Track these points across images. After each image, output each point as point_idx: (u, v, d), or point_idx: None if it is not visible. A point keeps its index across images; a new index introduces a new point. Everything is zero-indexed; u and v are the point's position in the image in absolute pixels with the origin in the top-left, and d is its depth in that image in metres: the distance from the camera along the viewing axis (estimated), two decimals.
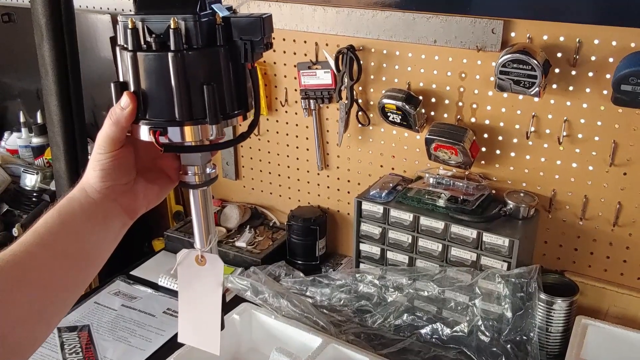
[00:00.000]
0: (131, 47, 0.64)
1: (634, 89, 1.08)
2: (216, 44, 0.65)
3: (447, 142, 1.33)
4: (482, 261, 1.29)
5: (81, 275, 0.69)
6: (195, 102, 0.64)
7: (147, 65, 0.64)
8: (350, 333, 1.30)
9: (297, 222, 1.58)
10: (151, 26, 0.64)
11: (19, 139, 2.00)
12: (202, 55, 0.64)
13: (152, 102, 0.65)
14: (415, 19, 1.33)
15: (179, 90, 0.64)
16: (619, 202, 1.26)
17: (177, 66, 0.63)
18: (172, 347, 1.23)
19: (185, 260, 0.76)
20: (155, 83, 0.65)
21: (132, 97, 0.65)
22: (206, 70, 0.64)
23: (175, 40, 0.62)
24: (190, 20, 0.63)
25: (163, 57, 0.63)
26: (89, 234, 0.69)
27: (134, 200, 0.73)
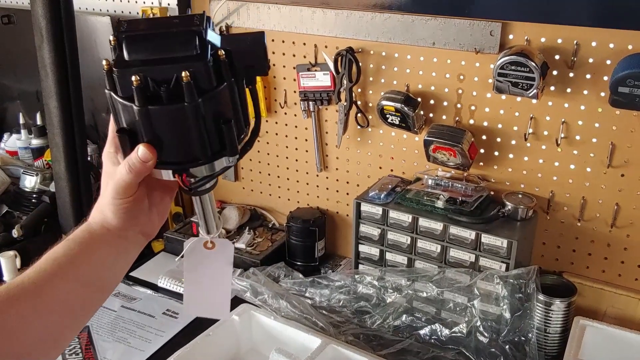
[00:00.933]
0: (139, 104, 0.61)
1: (631, 91, 1.09)
2: (224, 80, 0.63)
3: (445, 144, 1.33)
4: (480, 262, 1.29)
5: (98, 300, 0.72)
6: (214, 140, 0.64)
7: (159, 118, 0.62)
8: (349, 334, 1.31)
9: (296, 224, 1.58)
10: (156, 77, 0.60)
11: (19, 140, 2.00)
12: (215, 98, 0.62)
13: (169, 147, 0.64)
14: (414, 21, 1.34)
15: (197, 134, 0.63)
16: (616, 203, 1.27)
17: (193, 115, 0.61)
18: (171, 347, 1.23)
19: (193, 246, 0.78)
20: (170, 132, 0.63)
21: (152, 150, 0.64)
22: (220, 111, 0.63)
23: (189, 92, 0.60)
24: (199, 67, 0.60)
25: (178, 108, 0.61)
26: (111, 264, 0.72)
27: (151, 223, 0.75)
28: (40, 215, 1.62)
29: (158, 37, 0.62)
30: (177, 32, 0.61)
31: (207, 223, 0.76)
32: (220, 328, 1.22)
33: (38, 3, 1.40)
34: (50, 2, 1.40)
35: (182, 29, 0.62)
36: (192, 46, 0.60)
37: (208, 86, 0.61)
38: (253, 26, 1.56)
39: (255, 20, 1.55)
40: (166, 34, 0.62)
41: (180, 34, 0.61)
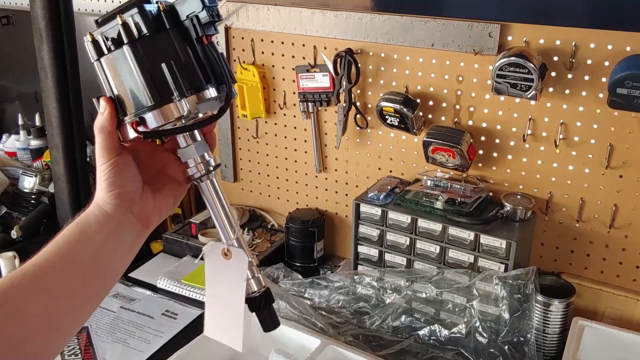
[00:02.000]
0: (96, 57, 0.69)
1: (629, 92, 1.09)
2: (165, 28, 0.68)
3: (444, 145, 1.34)
4: (479, 263, 1.29)
5: (96, 285, 0.70)
6: (160, 82, 0.67)
7: (110, 66, 0.69)
8: (348, 334, 1.31)
9: (295, 225, 1.58)
10: (108, 34, 0.68)
11: (18, 141, 2.00)
12: (155, 40, 0.67)
13: (127, 100, 0.69)
14: (413, 23, 1.34)
15: (143, 76, 0.67)
16: (615, 204, 1.27)
17: (135, 55, 0.66)
18: (171, 348, 1.23)
19: (211, 253, 0.76)
20: (122, 80, 0.68)
21: (106, 100, 0.69)
22: (162, 52, 0.67)
23: (126, 33, 0.67)
24: (136, 13, 0.67)
25: (121, 52, 0.67)
26: (103, 244, 0.70)
27: (145, 208, 0.73)
28: (39, 216, 1.62)
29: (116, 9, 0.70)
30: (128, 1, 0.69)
31: (223, 225, 0.75)
32: None
33: (37, 4, 1.40)
34: (49, 3, 1.40)
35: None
36: (134, 4, 0.68)
37: (147, 30, 0.67)
38: (252, 27, 1.57)
39: (254, 22, 1.56)
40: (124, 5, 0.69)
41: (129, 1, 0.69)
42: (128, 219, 0.72)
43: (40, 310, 0.64)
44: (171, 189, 0.76)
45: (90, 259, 0.69)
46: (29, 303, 0.63)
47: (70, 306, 0.67)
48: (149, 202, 0.74)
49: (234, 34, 1.63)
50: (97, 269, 0.70)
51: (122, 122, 0.70)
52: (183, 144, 0.73)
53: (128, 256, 0.74)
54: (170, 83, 0.66)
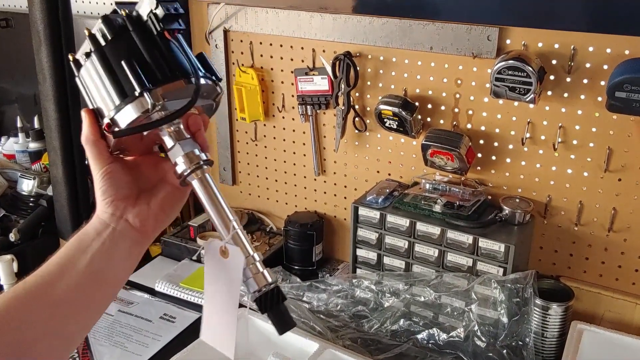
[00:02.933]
0: (76, 74, 0.73)
1: (628, 95, 1.09)
2: (128, 30, 0.70)
3: (443, 148, 1.34)
4: (478, 266, 1.29)
5: (95, 293, 0.71)
6: (124, 81, 0.68)
7: (86, 78, 0.71)
8: (347, 338, 1.31)
9: (293, 228, 1.58)
10: (84, 50, 0.71)
11: (16, 144, 2.00)
12: (117, 42, 0.69)
13: (102, 107, 0.70)
14: (412, 26, 1.34)
15: (108, 78, 0.69)
16: (613, 207, 1.27)
17: (100, 60, 0.69)
18: (168, 352, 1.23)
19: (210, 250, 0.73)
20: (95, 88, 0.70)
21: (86, 111, 0.72)
22: (124, 52, 0.69)
23: (93, 42, 0.70)
24: (101, 23, 0.70)
25: (91, 61, 0.70)
26: (100, 252, 0.71)
27: (140, 214, 0.73)
28: (38, 219, 1.61)
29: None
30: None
31: (216, 225, 0.73)
32: None
33: (36, 6, 1.40)
34: (48, 6, 1.40)
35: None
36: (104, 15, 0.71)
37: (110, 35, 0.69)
38: (251, 30, 1.57)
39: (253, 25, 1.56)
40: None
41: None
42: (123, 226, 0.72)
43: (42, 318, 0.65)
44: (168, 195, 0.76)
45: (88, 266, 0.69)
46: (30, 310, 0.64)
47: (71, 314, 0.68)
48: (144, 207, 0.74)
49: (232, 37, 1.63)
50: (95, 276, 0.70)
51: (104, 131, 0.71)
52: (170, 144, 0.73)
53: (127, 264, 0.74)
54: (131, 78, 0.67)
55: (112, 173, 0.72)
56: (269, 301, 0.70)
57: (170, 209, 0.76)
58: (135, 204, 0.73)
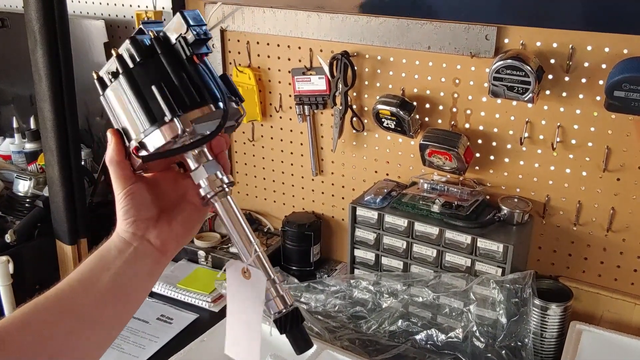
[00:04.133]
0: (101, 92, 0.72)
1: (626, 95, 1.09)
2: (157, 53, 0.69)
3: (441, 148, 1.33)
4: (476, 267, 1.29)
5: (116, 310, 0.71)
6: (153, 106, 0.68)
7: (112, 98, 0.71)
8: (345, 339, 1.30)
9: (291, 228, 1.57)
10: (110, 69, 0.71)
11: (12, 144, 1.99)
12: (146, 65, 0.69)
13: (129, 128, 0.70)
14: (409, 25, 1.33)
15: (137, 101, 0.68)
16: (612, 207, 1.26)
17: (129, 82, 0.68)
18: (165, 353, 1.22)
19: (232, 271, 0.75)
20: (123, 110, 0.70)
21: (112, 132, 0.71)
22: (153, 76, 0.68)
23: (121, 64, 0.69)
24: (129, 44, 0.69)
25: (118, 83, 0.69)
26: (122, 270, 0.71)
27: (161, 234, 0.74)
28: (34, 220, 1.60)
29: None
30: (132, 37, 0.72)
31: (239, 247, 0.74)
32: (214, 334, 1.21)
33: (32, 6, 1.39)
34: (43, 6, 1.39)
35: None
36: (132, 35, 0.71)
37: (140, 58, 0.69)
38: (248, 30, 1.56)
39: (250, 24, 1.55)
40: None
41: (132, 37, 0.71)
42: (145, 246, 0.72)
43: (62, 332, 0.65)
44: (189, 215, 0.76)
45: (110, 284, 0.70)
46: (51, 325, 0.64)
47: (92, 330, 0.68)
48: (165, 228, 0.74)
49: (229, 37, 1.62)
50: (116, 294, 0.70)
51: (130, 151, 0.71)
52: (193, 165, 0.72)
53: (148, 282, 0.75)
54: (161, 104, 0.67)
55: (135, 193, 0.72)
56: (288, 323, 0.73)
57: (190, 229, 0.77)
58: (156, 224, 0.73)
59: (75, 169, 1.51)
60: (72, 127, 1.49)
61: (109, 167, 0.72)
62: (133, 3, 1.74)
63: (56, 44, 1.43)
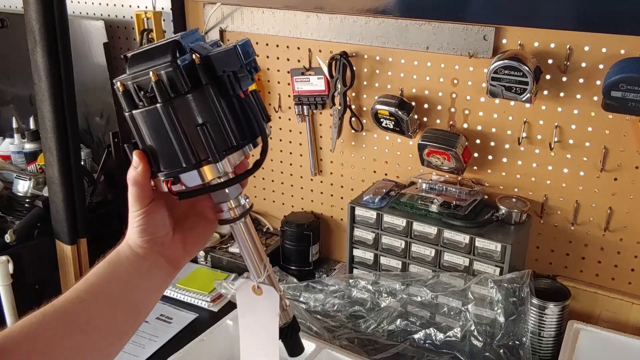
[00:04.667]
0: (127, 109, 0.66)
1: (624, 95, 1.09)
2: (201, 84, 0.64)
3: (439, 148, 1.34)
4: (474, 266, 1.29)
5: (126, 323, 0.71)
6: (196, 145, 0.64)
7: (143, 122, 0.65)
8: (343, 338, 1.31)
9: (290, 228, 1.58)
10: (140, 84, 0.64)
11: (12, 144, 1.99)
12: (190, 99, 0.64)
13: (160, 154, 0.66)
14: (408, 26, 1.34)
15: (177, 138, 0.64)
16: (609, 207, 1.27)
17: (168, 116, 0.63)
18: (165, 353, 1.22)
19: (242, 289, 0.77)
20: (156, 136, 0.65)
21: (140, 156, 0.67)
22: (197, 112, 0.64)
23: (159, 92, 0.63)
24: (169, 69, 0.63)
25: (154, 110, 0.64)
26: (135, 285, 0.71)
27: (176, 250, 0.74)
28: (33, 220, 1.61)
29: (149, 50, 0.65)
30: (162, 44, 0.65)
31: (253, 264, 0.75)
32: (214, 333, 1.22)
33: (31, 7, 1.40)
34: (43, 6, 1.39)
35: (165, 41, 0.65)
36: (168, 52, 0.64)
37: (181, 88, 0.63)
38: (247, 30, 1.56)
39: (249, 25, 1.56)
40: (155, 47, 0.65)
41: (163, 45, 0.65)
42: (159, 261, 0.73)
43: (70, 345, 0.64)
44: (202, 230, 0.76)
45: (122, 297, 0.70)
46: (59, 338, 0.64)
47: (100, 342, 0.68)
48: (179, 245, 0.74)
49: (229, 37, 1.62)
50: (128, 307, 0.71)
51: (155, 174, 0.68)
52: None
53: (159, 294, 0.75)
54: (205, 147, 0.64)
55: (153, 213, 0.71)
56: (289, 332, 0.78)
57: (203, 241, 0.78)
58: (172, 241, 0.73)
59: (75, 169, 1.52)
60: (71, 127, 1.49)
61: (131, 187, 0.69)
62: (132, 3, 1.74)
63: (56, 44, 1.43)
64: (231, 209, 0.71)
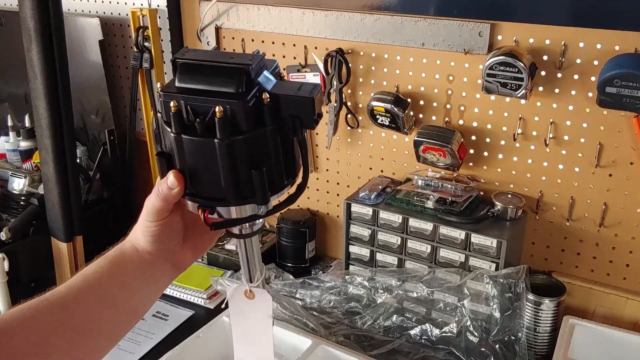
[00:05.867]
0: (175, 130, 0.60)
1: (618, 91, 1.09)
2: (264, 124, 0.60)
3: (435, 144, 1.34)
4: (470, 262, 1.30)
5: (124, 325, 0.71)
6: (244, 183, 0.62)
7: (191, 148, 0.61)
8: (340, 334, 1.31)
9: (286, 225, 1.58)
10: (195, 107, 0.60)
11: (7, 142, 1.98)
12: (250, 140, 0.60)
13: (199, 180, 0.63)
14: (404, 22, 1.34)
15: (226, 174, 0.61)
16: (604, 203, 1.27)
17: (224, 152, 0.60)
18: (161, 350, 1.22)
19: (234, 295, 0.77)
20: (201, 164, 0.62)
21: (179, 179, 0.63)
22: (254, 154, 0.61)
23: (221, 129, 0.58)
24: (237, 106, 0.58)
25: (210, 143, 0.59)
26: (138, 289, 0.71)
27: (184, 256, 0.74)
28: (29, 218, 1.60)
29: (208, 68, 0.61)
30: (226, 67, 0.60)
31: (249, 270, 0.74)
32: (210, 330, 1.22)
33: (27, 4, 1.39)
34: (38, 4, 1.39)
35: (232, 64, 0.60)
36: (235, 83, 0.59)
37: (244, 127, 0.59)
38: (243, 27, 1.56)
39: (244, 22, 1.55)
40: (217, 67, 0.61)
41: (228, 69, 0.60)
42: (165, 267, 0.72)
43: (64, 345, 0.63)
44: (210, 236, 0.76)
45: (123, 301, 0.69)
46: (53, 335, 0.62)
47: (95, 343, 0.67)
48: (188, 252, 0.74)
49: (224, 34, 1.62)
50: (127, 311, 0.70)
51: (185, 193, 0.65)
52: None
53: (157, 296, 0.75)
54: (255, 191, 0.62)
55: (170, 224, 0.69)
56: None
57: (208, 247, 0.78)
58: (181, 248, 0.73)
59: (71, 166, 1.51)
60: (67, 125, 1.49)
61: (157, 202, 0.66)
62: (128, 1, 1.74)
63: (51, 41, 1.43)
64: (242, 227, 0.69)
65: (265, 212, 0.65)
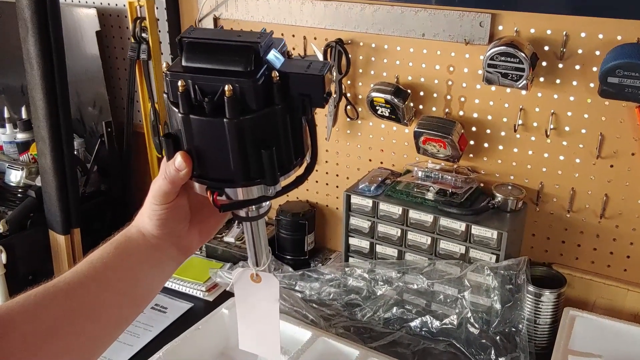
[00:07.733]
0: (182, 111, 0.60)
1: (620, 81, 1.09)
2: (273, 103, 0.60)
3: (435, 136, 1.33)
4: (470, 254, 1.29)
5: (131, 311, 0.70)
6: (253, 164, 0.61)
7: (200, 129, 0.60)
8: (339, 326, 1.31)
9: (285, 217, 1.57)
10: (203, 87, 0.59)
11: (4, 134, 1.97)
12: (259, 119, 0.59)
13: (207, 161, 0.62)
14: (404, 13, 1.33)
15: (235, 154, 0.60)
16: (605, 194, 1.27)
17: (233, 132, 0.59)
18: (160, 342, 1.22)
19: (240, 278, 0.77)
20: (209, 145, 0.61)
21: (187, 160, 0.62)
22: (263, 134, 0.60)
23: (231, 108, 0.58)
24: (246, 85, 0.58)
25: (219, 122, 0.59)
26: (145, 274, 0.70)
27: (190, 242, 0.73)
28: (26, 210, 1.60)
29: (215, 47, 0.60)
30: (234, 45, 0.59)
31: (255, 254, 0.73)
32: (209, 322, 1.21)
33: None
34: None
35: (240, 43, 0.59)
36: (244, 61, 0.58)
37: (254, 106, 0.59)
38: (241, 18, 1.55)
39: (243, 12, 1.54)
40: (224, 45, 0.60)
41: (237, 47, 0.59)
42: (172, 252, 0.72)
43: (72, 331, 0.63)
44: (216, 220, 0.76)
45: (130, 287, 0.68)
46: (61, 322, 0.62)
47: (102, 329, 0.66)
48: (195, 237, 0.73)
49: (223, 25, 1.61)
50: (134, 296, 0.69)
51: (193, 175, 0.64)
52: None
53: (164, 281, 0.74)
54: (265, 171, 0.61)
55: (177, 207, 0.68)
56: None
57: (216, 229, 0.77)
58: (188, 233, 0.72)
59: (68, 158, 1.51)
60: (64, 117, 1.48)
61: (164, 184, 0.65)
62: None
63: (48, 32, 1.41)
64: (249, 209, 0.68)
65: (274, 193, 0.65)
